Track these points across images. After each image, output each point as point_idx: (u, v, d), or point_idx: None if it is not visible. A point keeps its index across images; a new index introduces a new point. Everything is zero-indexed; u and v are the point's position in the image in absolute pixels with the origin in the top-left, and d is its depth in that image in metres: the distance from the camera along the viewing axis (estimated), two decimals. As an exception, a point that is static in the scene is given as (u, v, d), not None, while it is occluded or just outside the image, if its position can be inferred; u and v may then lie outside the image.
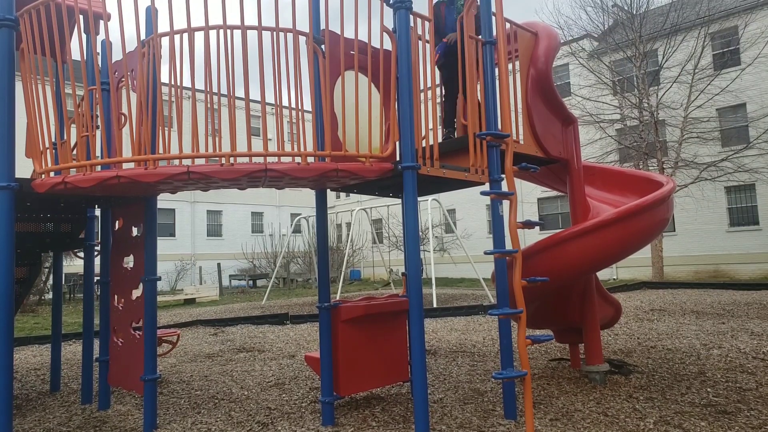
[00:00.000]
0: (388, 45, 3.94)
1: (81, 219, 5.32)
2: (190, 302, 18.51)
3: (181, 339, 8.75)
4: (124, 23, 3.33)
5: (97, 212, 5.50)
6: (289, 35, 3.54)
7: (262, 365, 6.58)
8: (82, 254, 5.70)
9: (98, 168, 3.62)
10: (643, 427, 3.69)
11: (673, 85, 18.57)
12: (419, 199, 4.51)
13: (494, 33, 4.25)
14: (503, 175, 4.01)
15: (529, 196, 23.98)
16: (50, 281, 15.51)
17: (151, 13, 3.91)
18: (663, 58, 18.83)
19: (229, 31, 3.35)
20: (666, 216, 4.93)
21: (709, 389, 4.53)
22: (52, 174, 3.74)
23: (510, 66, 4.63)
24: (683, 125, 18.53)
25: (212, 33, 3.37)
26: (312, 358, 4.63)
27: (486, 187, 4.10)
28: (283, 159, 3.47)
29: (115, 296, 4.66)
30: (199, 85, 26.01)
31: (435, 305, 12.55)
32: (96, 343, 5.02)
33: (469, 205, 26.80)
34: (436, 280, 14.55)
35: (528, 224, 3.85)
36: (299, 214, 22.97)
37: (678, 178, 17.98)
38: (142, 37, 3.65)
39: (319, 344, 4.34)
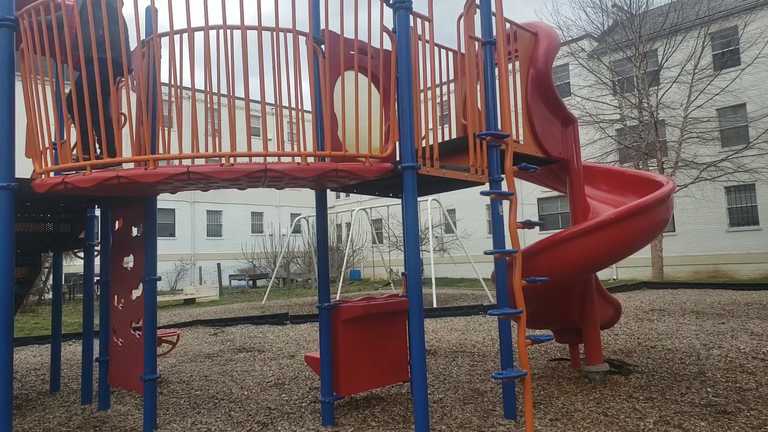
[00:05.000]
0: (387, 45, 3.94)
1: (81, 219, 5.33)
2: (190, 302, 18.51)
3: (181, 339, 8.75)
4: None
5: (97, 212, 5.50)
6: (289, 35, 3.54)
7: (262, 365, 6.58)
8: (82, 254, 5.70)
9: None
10: (643, 427, 3.69)
11: (673, 85, 18.56)
12: (419, 199, 4.52)
13: (494, 33, 4.25)
14: (503, 175, 4.01)
15: (529, 196, 23.98)
16: (50, 281, 15.51)
17: (151, 13, 3.91)
18: (663, 58, 18.82)
19: (229, 31, 3.35)
20: (666, 216, 4.93)
21: (709, 389, 4.53)
22: (52, 174, 3.73)
23: (510, 66, 4.64)
24: (683, 125, 18.52)
25: (212, 33, 3.37)
26: (312, 358, 4.63)
27: (486, 187, 4.10)
28: (283, 159, 3.47)
29: (115, 296, 4.66)
30: (199, 85, 26.01)
31: (435, 305, 12.55)
32: (96, 343, 5.02)
33: (469, 205, 26.80)
34: (436, 280, 14.55)
35: (528, 224, 3.85)
36: (299, 214, 22.97)
37: (678, 178, 17.98)
38: (142, 37, 3.65)
39: (319, 344, 4.34)
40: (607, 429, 3.68)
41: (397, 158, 3.79)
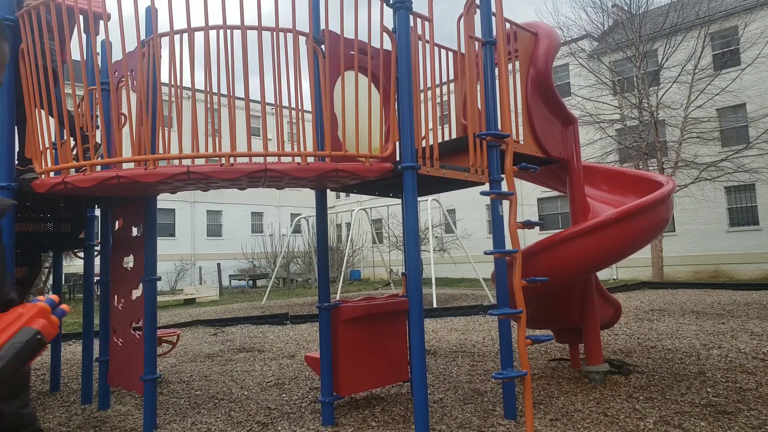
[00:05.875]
0: (387, 45, 3.94)
1: (81, 219, 5.33)
2: (190, 302, 18.51)
3: (181, 339, 8.74)
4: (124, 23, 3.33)
5: (97, 212, 5.51)
6: (289, 35, 3.54)
7: (262, 365, 6.58)
8: (82, 254, 5.70)
9: (98, 168, 3.62)
10: (643, 427, 3.69)
11: (673, 85, 18.57)
12: (419, 199, 4.52)
13: (494, 33, 4.25)
14: (503, 175, 4.01)
15: (529, 196, 23.98)
16: (50, 281, 15.51)
17: (151, 13, 3.91)
18: (663, 58, 18.83)
19: (229, 31, 3.35)
20: (666, 216, 4.93)
21: (709, 389, 4.53)
22: (52, 174, 3.74)
23: (510, 66, 4.63)
24: (683, 125, 18.53)
25: (212, 33, 3.37)
26: (312, 358, 4.63)
27: (486, 187, 4.10)
28: (283, 159, 3.47)
29: (115, 296, 4.66)
30: (199, 85, 26.00)
31: (435, 305, 12.55)
32: (96, 343, 5.02)
33: (469, 205, 26.80)
34: (436, 280, 14.55)
35: (528, 224, 3.85)
36: (299, 214, 22.96)
37: (678, 178, 17.98)
38: (142, 37, 3.65)
39: (319, 344, 4.34)
40: (607, 429, 3.68)
41: (397, 158, 3.79)
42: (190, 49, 3.32)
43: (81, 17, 4.77)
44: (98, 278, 4.93)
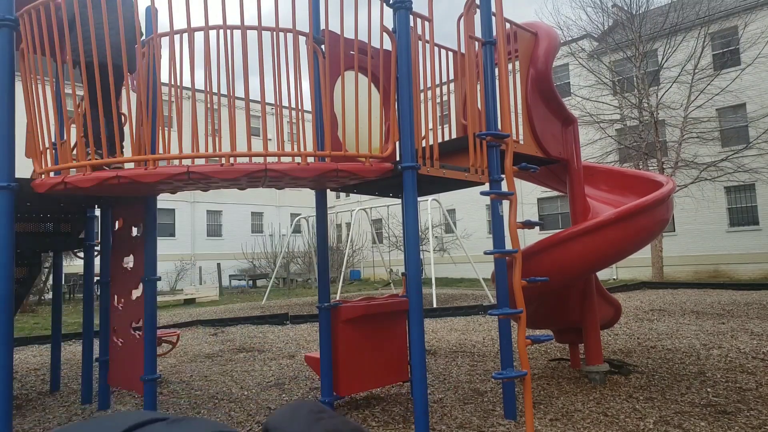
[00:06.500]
0: (387, 45, 3.94)
1: (81, 219, 5.32)
2: (189, 302, 18.51)
3: (181, 339, 8.74)
4: (124, 23, 3.33)
5: (97, 212, 5.50)
6: (289, 35, 3.54)
7: (261, 365, 6.58)
8: (82, 254, 5.70)
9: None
10: (643, 427, 3.69)
11: (673, 85, 18.56)
12: (419, 199, 4.52)
13: (494, 33, 4.25)
14: (503, 175, 4.01)
15: (529, 196, 23.97)
16: (50, 281, 15.51)
17: (151, 13, 3.91)
18: (663, 58, 18.83)
19: (229, 31, 3.35)
20: (666, 216, 4.93)
21: (709, 389, 4.53)
22: (52, 174, 3.74)
23: (510, 66, 4.64)
24: (683, 125, 18.52)
25: (212, 33, 3.37)
26: (312, 358, 4.63)
27: (486, 187, 4.11)
28: (283, 159, 3.47)
29: (115, 296, 4.66)
30: (199, 85, 26.01)
31: (435, 305, 12.55)
32: (96, 343, 5.02)
33: (469, 205, 26.79)
34: (436, 280, 14.55)
35: (528, 224, 3.85)
36: (299, 214, 22.95)
37: (678, 178, 17.98)
38: (142, 37, 3.65)
39: (319, 344, 4.34)
40: (607, 429, 3.68)
41: (397, 158, 3.79)
42: (190, 49, 3.32)
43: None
44: (98, 278, 4.93)
